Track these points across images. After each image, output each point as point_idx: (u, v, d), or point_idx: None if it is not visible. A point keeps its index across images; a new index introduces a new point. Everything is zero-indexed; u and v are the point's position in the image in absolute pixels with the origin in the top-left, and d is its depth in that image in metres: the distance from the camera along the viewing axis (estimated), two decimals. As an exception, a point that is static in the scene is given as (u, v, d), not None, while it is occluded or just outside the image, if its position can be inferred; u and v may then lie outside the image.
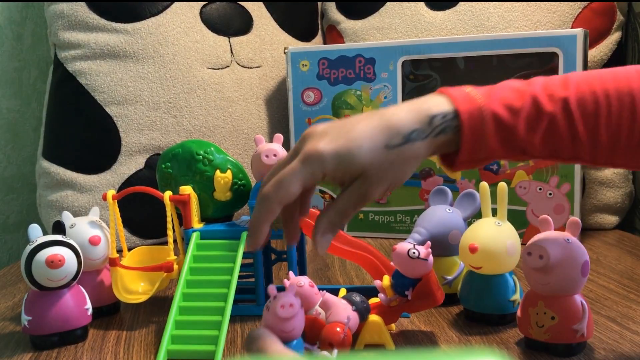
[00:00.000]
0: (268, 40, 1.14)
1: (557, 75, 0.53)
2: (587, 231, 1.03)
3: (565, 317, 0.55)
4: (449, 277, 0.70)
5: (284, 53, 1.05)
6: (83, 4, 1.03)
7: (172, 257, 0.70)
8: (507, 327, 0.64)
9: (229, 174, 0.72)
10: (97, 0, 1.03)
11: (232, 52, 1.09)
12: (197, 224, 0.71)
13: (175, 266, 0.70)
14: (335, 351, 0.54)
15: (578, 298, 0.56)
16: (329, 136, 0.49)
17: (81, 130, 1.02)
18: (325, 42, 1.25)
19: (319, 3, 1.26)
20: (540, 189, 0.94)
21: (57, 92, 1.05)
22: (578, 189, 0.92)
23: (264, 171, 0.67)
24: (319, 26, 1.26)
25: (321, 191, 1.06)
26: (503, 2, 1.05)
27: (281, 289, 0.57)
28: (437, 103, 0.50)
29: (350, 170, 0.48)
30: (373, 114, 0.51)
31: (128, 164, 1.02)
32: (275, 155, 0.67)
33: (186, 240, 0.70)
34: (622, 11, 1.05)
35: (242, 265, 0.68)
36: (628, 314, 0.67)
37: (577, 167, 0.92)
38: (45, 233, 0.64)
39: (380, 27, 1.13)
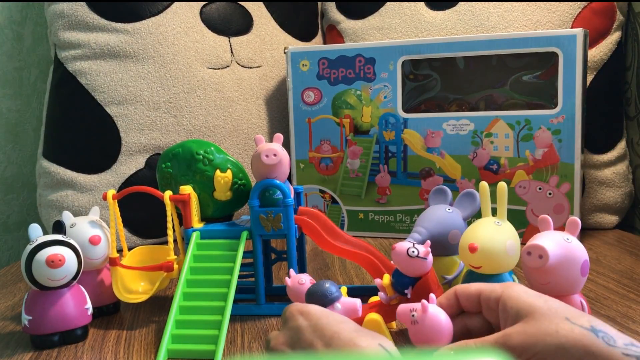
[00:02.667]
0: (268, 40, 1.14)
1: None
2: (586, 231, 1.03)
3: (564, 316, 0.55)
4: (449, 277, 0.70)
5: (284, 53, 1.05)
6: (83, 4, 1.03)
7: (172, 256, 0.70)
8: (506, 326, 0.64)
9: (229, 173, 0.72)
10: (97, 0, 1.03)
11: (232, 52, 1.09)
12: (197, 224, 0.72)
13: (176, 266, 0.70)
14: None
15: (578, 298, 0.56)
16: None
17: (81, 130, 1.02)
18: (325, 42, 1.25)
19: (319, 3, 1.26)
20: (540, 188, 0.94)
21: (57, 92, 1.05)
22: (578, 188, 0.92)
23: (264, 171, 0.67)
24: (319, 26, 1.26)
25: (321, 191, 1.06)
26: (503, 2, 1.05)
27: None
28: None
29: None
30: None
31: (128, 164, 1.02)
32: (275, 155, 0.67)
33: (186, 240, 0.70)
34: (622, 11, 1.05)
35: (242, 265, 0.68)
36: (628, 313, 0.67)
37: (577, 167, 0.92)
38: (45, 233, 0.64)
39: (380, 27, 1.13)
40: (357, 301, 0.58)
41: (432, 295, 0.53)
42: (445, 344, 0.51)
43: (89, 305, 0.66)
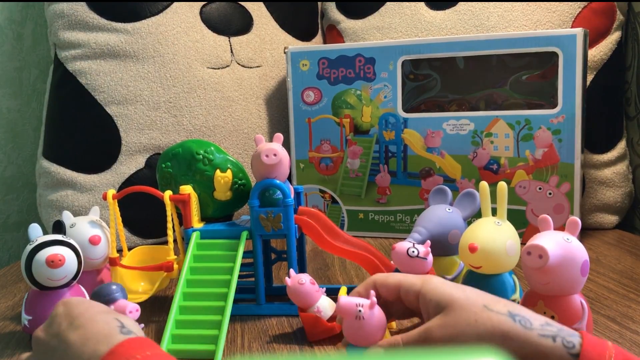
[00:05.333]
0: (268, 40, 1.14)
1: None
2: (586, 231, 1.03)
3: (564, 316, 0.55)
4: (449, 277, 0.70)
5: (284, 53, 1.05)
6: (83, 3, 1.03)
7: (172, 256, 0.70)
8: (506, 326, 0.64)
9: (229, 173, 0.72)
10: (97, 0, 1.03)
11: (232, 51, 1.09)
12: (197, 224, 0.72)
13: (176, 266, 0.70)
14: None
15: (578, 298, 0.56)
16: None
17: (81, 130, 1.02)
18: (325, 42, 1.25)
19: (319, 3, 1.26)
20: (540, 188, 0.94)
21: (57, 91, 1.05)
22: (578, 188, 0.92)
23: (264, 171, 0.67)
24: (319, 26, 1.26)
25: (321, 191, 1.06)
26: (503, 2, 1.05)
27: None
28: None
29: None
30: None
31: (128, 164, 1.02)
32: (275, 154, 0.67)
33: (186, 240, 0.70)
34: (622, 11, 1.05)
35: (242, 265, 0.68)
36: (628, 313, 0.67)
37: (577, 167, 0.92)
38: (45, 233, 0.64)
39: (380, 27, 1.13)
40: (128, 304, 0.58)
41: (372, 292, 0.52)
42: (376, 341, 0.51)
43: (89, 305, 0.66)
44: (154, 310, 0.73)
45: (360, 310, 0.51)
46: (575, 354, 0.42)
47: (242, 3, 1.13)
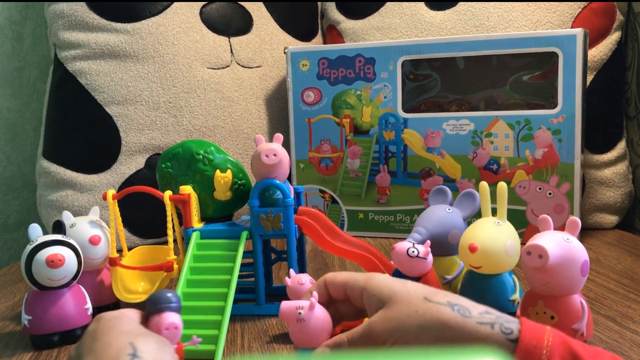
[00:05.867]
0: (268, 40, 1.14)
1: None
2: (586, 231, 1.03)
3: (564, 316, 0.56)
4: (449, 277, 0.70)
5: (284, 53, 1.05)
6: (83, 4, 1.03)
7: (172, 256, 0.70)
8: (506, 326, 0.64)
9: (229, 173, 0.72)
10: (97, 0, 1.03)
11: (232, 52, 1.09)
12: (197, 224, 0.72)
13: (175, 266, 0.70)
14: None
15: (578, 297, 0.56)
16: None
17: (81, 130, 1.02)
18: (325, 42, 1.25)
19: (319, 3, 1.26)
20: (540, 188, 0.94)
21: (57, 92, 1.05)
22: (578, 188, 0.92)
23: (264, 171, 0.67)
24: (319, 26, 1.26)
25: (321, 191, 1.06)
26: (503, 2, 1.05)
27: None
28: None
29: None
30: None
31: (128, 164, 1.02)
32: (275, 154, 0.66)
33: (186, 240, 0.70)
34: (622, 11, 1.05)
35: (242, 265, 0.68)
36: (628, 313, 0.67)
37: (577, 167, 0.92)
38: (45, 233, 0.64)
39: (380, 27, 1.13)
40: (166, 320, 0.49)
41: (314, 293, 0.52)
42: (322, 341, 0.51)
43: (89, 305, 0.66)
44: (154, 310, 0.73)
45: (300, 313, 0.51)
46: (514, 339, 0.43)
47: (242, 3, 1.13)
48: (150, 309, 0.50)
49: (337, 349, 0.50)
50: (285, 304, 0.52)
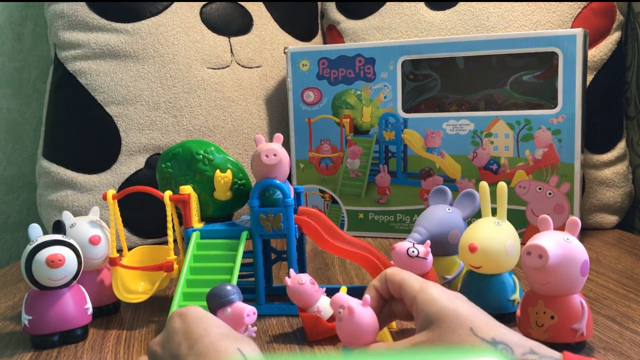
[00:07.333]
0: (268, 40, 1.14)
1: None
2: (586, 231, 1.03)
3: (564, 316, 0.56)
4: (449, 277, 0.70)
5: (284, 53, 1.05)
6: (83, 4, 1.03)
7: (172, 256, 0.70)
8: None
9: (229, 173, 0.72)
10: (97, 0, 1.03)
11: (232, 52, 1.09)
12: (197, 224, 0.72)
13: (175, 266, 0.70)
14: None
15: (577, 297, 0.56)
16: None
17: (81, 130, 1.02)
18: (325, 42, 1.25)
19: (319, 3, 1.26)
20: (540, 188, 0.94)
21: (57, 92, 1.05)
22: (578, 188, 0.92)
23: (264, 171, 0.67)
24: (319, 26, 1.26)
25: (321, 191, 1.06)
26: (503, 2, 1.05)
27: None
28: None
29: None
30: None
31: (128, 164, 1.02)
32: (275, 154, 0.67)
33: (186, 240, 0.70)
34: (622, 11, 1.05)
35: (242, 265, 0.68)
36: (628, 313, 0.67)
37: (577, 167, 0.92)
38: (45, 233, 0.64)
39: (380, 27, 1.13)
40: (245, 308, 0.55)
41: (366, 297, 0.52)
42: (366, 344, 0.51)
43: (89, 305, 0.66)
44: (154, 310, 0.73)
45: (339, 312, 0.51)
46: None
47: (242, 3, 1.13)
48: (216, 304, 0.53)
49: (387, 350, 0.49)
50: (337, 296, 0.52)
